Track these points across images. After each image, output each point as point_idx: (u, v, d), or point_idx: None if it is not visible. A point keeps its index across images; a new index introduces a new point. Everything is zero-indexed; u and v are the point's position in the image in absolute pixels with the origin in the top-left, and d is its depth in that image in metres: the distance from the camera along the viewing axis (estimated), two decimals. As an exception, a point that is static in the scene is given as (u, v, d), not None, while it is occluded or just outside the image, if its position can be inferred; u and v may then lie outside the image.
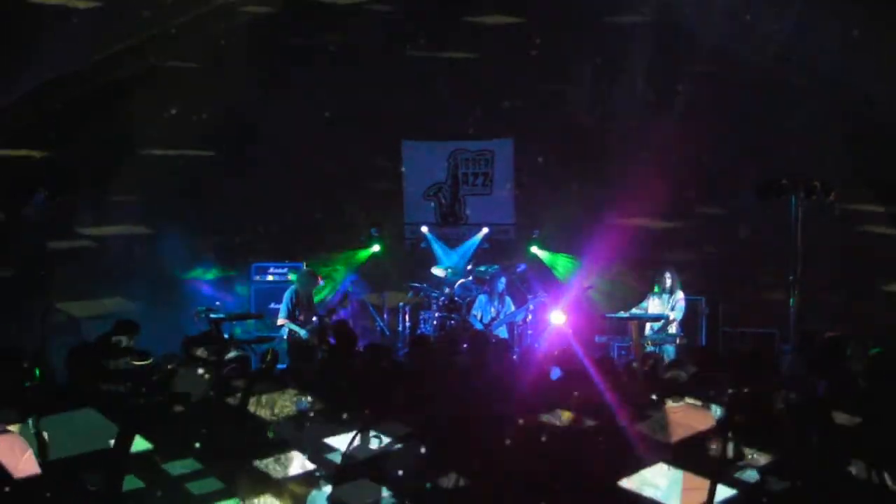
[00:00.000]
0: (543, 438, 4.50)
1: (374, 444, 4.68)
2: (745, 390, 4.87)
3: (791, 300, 9.30)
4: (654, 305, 10.09)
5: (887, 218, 11.09)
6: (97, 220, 11.58)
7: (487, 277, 11.19)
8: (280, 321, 9.89)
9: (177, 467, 4.29)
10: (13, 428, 4.24)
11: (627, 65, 11.73)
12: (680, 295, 10.07)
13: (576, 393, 5.05)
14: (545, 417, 4.78)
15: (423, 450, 4.40)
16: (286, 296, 9.96)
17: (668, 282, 10.04)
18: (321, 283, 11.04)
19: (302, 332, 9.67)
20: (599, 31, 11.68)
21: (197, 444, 4.38)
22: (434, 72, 12.15)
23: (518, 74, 12.22)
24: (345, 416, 4.96)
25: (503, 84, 12.27)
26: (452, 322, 10.95)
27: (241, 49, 11.16)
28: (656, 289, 10.12)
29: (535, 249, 12.23)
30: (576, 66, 12.05)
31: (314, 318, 9.84)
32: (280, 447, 4.65)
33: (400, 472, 4.39)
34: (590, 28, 11.74)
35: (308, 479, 4.57)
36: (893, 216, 10.97)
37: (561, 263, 12.29)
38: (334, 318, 9.79)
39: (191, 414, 4.80)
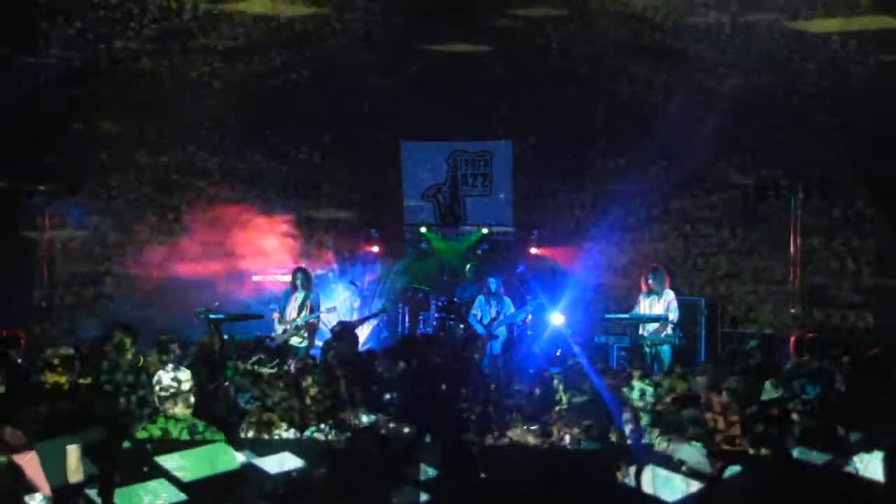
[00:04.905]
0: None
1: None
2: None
3: (790, 300, 9.33)
4: (644, 306, 9.77)
5: (886, 218, 11.06)
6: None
7: (484, 278, 11.16)
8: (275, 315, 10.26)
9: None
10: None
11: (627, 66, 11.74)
12: (671, 295, 9.70)
13: None
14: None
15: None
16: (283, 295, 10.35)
17: (656, 282, 9.70)
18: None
19: (279, 330, 9.93)
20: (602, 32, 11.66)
21: None
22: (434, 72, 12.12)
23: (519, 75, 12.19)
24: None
25: (503, 85, 12.24)
26: (451, 323, 10.93)
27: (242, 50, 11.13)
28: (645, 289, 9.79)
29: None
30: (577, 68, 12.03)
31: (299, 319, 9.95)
32: None
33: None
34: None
35: None
36: (892, 216, 10.94)
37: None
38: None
39: None
